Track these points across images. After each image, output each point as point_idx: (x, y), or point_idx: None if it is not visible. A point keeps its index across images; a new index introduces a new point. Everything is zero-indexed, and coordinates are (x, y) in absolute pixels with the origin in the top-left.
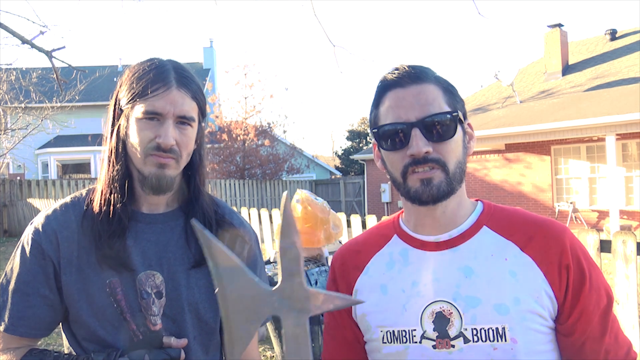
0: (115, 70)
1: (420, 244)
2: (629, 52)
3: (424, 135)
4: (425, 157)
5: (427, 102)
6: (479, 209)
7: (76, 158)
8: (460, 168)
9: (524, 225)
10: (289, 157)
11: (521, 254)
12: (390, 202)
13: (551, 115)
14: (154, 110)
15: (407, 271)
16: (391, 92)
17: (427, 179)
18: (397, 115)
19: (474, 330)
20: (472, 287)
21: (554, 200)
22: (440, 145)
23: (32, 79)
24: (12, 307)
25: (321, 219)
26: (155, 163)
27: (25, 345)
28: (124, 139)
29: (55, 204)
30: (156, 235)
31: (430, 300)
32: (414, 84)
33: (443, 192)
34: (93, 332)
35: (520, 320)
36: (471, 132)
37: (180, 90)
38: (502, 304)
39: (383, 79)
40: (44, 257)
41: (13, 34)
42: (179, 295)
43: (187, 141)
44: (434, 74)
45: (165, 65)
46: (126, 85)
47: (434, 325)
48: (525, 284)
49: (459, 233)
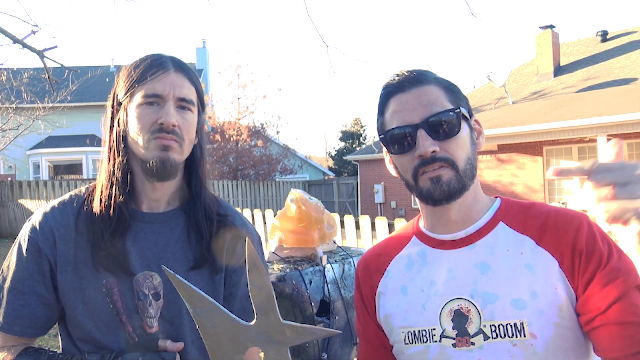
0: (108, 71)
1: (437, 243)
2: (620, 54)
3: (430, 135)
4: (433, 156)
5: (429, 102)
6: (496, 205)
7: (68, 159)
8: (471, 164)
9: (537, 218)
10: (282, 158)
11: (536, 247)
12: (384, 203)
13: (543, 116)
14: (154, 93)
15: (425, 271)
16: (394, 98)
17: (437, 177)
18: (402, 119)
19: (492, 327)
20: (489, 283)
21: (546, 200)
22: (447, 143)
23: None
24: (7, 305)
25: (315, 218)
26: (158, 146)
27: (21, 344)
28: (124, 132)
29: (53, 201)
30: (155, 235)
31: (448, 299)
32: (414, 87)
33: (454, 189)
34: (88, 332)
35: (538, 315)
36: (479, 128)
37: (179, 73)
38: (519, 298)
39: (385, 86)
40: (40, 255)
41: (4, 34)
42: (177, 298)
43: (189, 126)
44: (434, 75)
45: (161, 55)
46: (123, 78)
47: (453, 324)
48: (542, 277)
49: (475, 230)
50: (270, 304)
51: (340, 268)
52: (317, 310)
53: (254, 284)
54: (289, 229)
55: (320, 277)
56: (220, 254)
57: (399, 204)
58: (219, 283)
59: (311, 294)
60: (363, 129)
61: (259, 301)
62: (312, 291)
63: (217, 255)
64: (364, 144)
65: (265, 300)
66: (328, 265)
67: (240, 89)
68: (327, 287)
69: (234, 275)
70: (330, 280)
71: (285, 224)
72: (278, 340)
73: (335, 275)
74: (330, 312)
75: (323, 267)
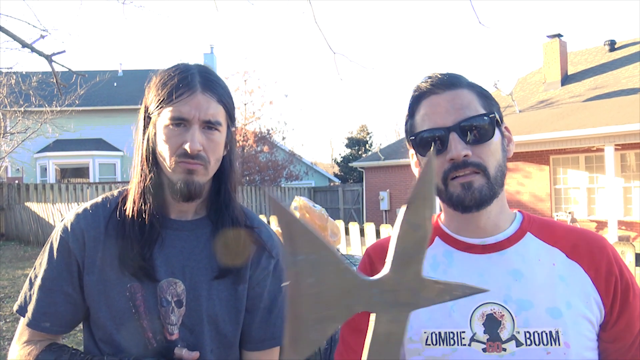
0: (116, 75)
1: (465, 246)
2: (628, 63)
3: (462, 139)
4: (464, 161)
5: (463, 105)
6: (519, 217)
7: (75, 162)
8: (501, 171)
9: (565, 234)
10: (288, 164)
11: (568, 260)
12: (389, 210)
13: (550, 125)
14: (180, 116)
15: (452, 273)
16: (426, 100)
17: (468, 183)
18: (434, 121)
19: (526, 334)
20: (523, 290)
21: (553, 210)
22: (479, 148)
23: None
24: (36, 302)
25: (319, 226)
26: (183, 169)
27: (47, 340)
28: (153, 147)
29: (86, 203)
30: (182, 242)
31: (480, 302)
32: (448, 90)
33: (485, 197)
34: (109, 334)
35: (572, 325)
36: (509, 135)
37: (205, 94)
38: (555, 307)
39: (416, 88)
40: (69, 255)
41: (13, 38)
42: (199, 306)
43: (215, 146)
44: (466, 80)
45: (190, 69)
46: (153, 92)
47: (485, 328)
48: (576, 289)
49: (505, 237)
50: (418, 252)
51: None
52: None
53: (410, 221)
54: None
55: None
56: (244, 265)
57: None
58: (242, 294)
59: None
60: (369, 135)
61: (405, 246)
62: None
63: (242, 266)
64: (370, 150)
65: (413, 247)
66: None
67: (247, 94)
68: None
69: (257, 287)
70: None
71: None
72: (405, 301)
73: None
74: None
75: None
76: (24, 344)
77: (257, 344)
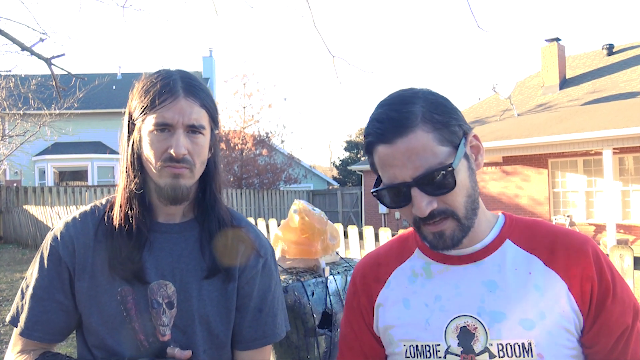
0: (115, 79)
1: (442, 257)
2: (625, 67)
3: (425, 191)
4: (431, 213)
5: (418, 155)
6: (500, 222)
7: (73, 165)
8: (472, 202)
9: (545, 238)
10: (287, 167)
11: (545, 268)
12: (388, 214)
13: (549, 128)
14: (164, 122)
15: (429, 285)
16: (379, 149)
17: (439, 232)
18: (393, 176)
19: (499, 346)
20: (497, 301)
21: (551, 213)
22: (444, 197)
23: (31, 85)
24: (28, 311)
25: (318, 229)
26: (169, 174)
27: (40, 349)
28: (138, 152)
29: (75, 212)
30: (170, 245)
31: (454, 315)
32: (399, 138)
33: (458, 240)
34: (102, 339)
35: (546, 336)
36: (477, 144)
37: (188, 99)
38: (528, 318)
39: (367, 134)
40: (60, 263)
41: (13, 41)
42: (190, 307)
43: (200, 150)
44: (419, 111)
45: (172, 75)
46: (136, 98)
47: (459, 340)
48: (551, 299)
49: (482, 247)
50: None
51: (343, 280)
52: (319, 322)
53: None
54: (291, 239)
55: (322, 288)
56: (233, 265)
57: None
58: (232, 293)
59: (313, 305)
60: None
61: None
62: (314, 303)
63: (230, 265)
64: None
65: None
66: (330, 276)
67: (245, 97)
68: (330, 299)
69: (246, 286)
70: (332, 292)
71: (288, 234)
72: None
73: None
74: (332, 324)
75: (325, 278)
76: (18, 353)
77: (249, 343)
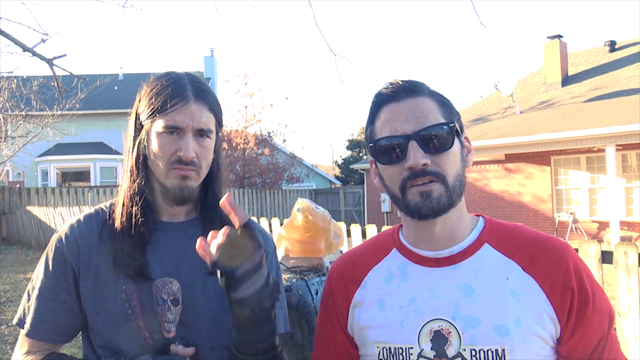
0: (117, 79)
1: (420, 259)
2: (628, 64)
3: (422, 147)
4: (423, 169)
5: (423, 114)
6: (480, 225)
7: (76, 166)
8: (460, 181)
9: (525, 244)
10: (289, 166)
11: (523, 274)
12: (390, 212)
13: (551, 125)
14: (174, 125)
15: (405, 287)
16: (386, 107)
17: (427, 192)
18: (394, 129)
19: (472, 351)
20: (472, 306)
21: (554, 210)
22: (438, 158)
23: (33, 87)
24: (34, 312)
25: (322, 228)
26: (177, 175)
27: (46, 350)
28: (144, 153)
29: (80, 215)
30: (174, 243)
31: (428, 318)
32: (408, 98)
33: (443, 205)
34: (107, 338)
35: (520, 343)
36: (469, 146)
37: (198, 103)
38: (503, 325)
39: (377, 94)
40: (65, 263)
41: (14, 42)
42: (195, 303)
43: (206, 153)
44: (428, 88)
45: (182, 79)
46: (145, 100)
47: (432, 344)
48: (527, 305)
49: (460, 250)
50: None
51: None
52: None
53: None
54: (295, 238)
55: None
56: None
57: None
58: None
59: (317, 304)
60: None
61: None
62: (319, 302)
63: None
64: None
65: None
66: None
67: (247, 97)
68: None
69: None
70: None
71: (291, 233)
72: None
73: None
74: None
75: None
76: (24, 354)
77: None
